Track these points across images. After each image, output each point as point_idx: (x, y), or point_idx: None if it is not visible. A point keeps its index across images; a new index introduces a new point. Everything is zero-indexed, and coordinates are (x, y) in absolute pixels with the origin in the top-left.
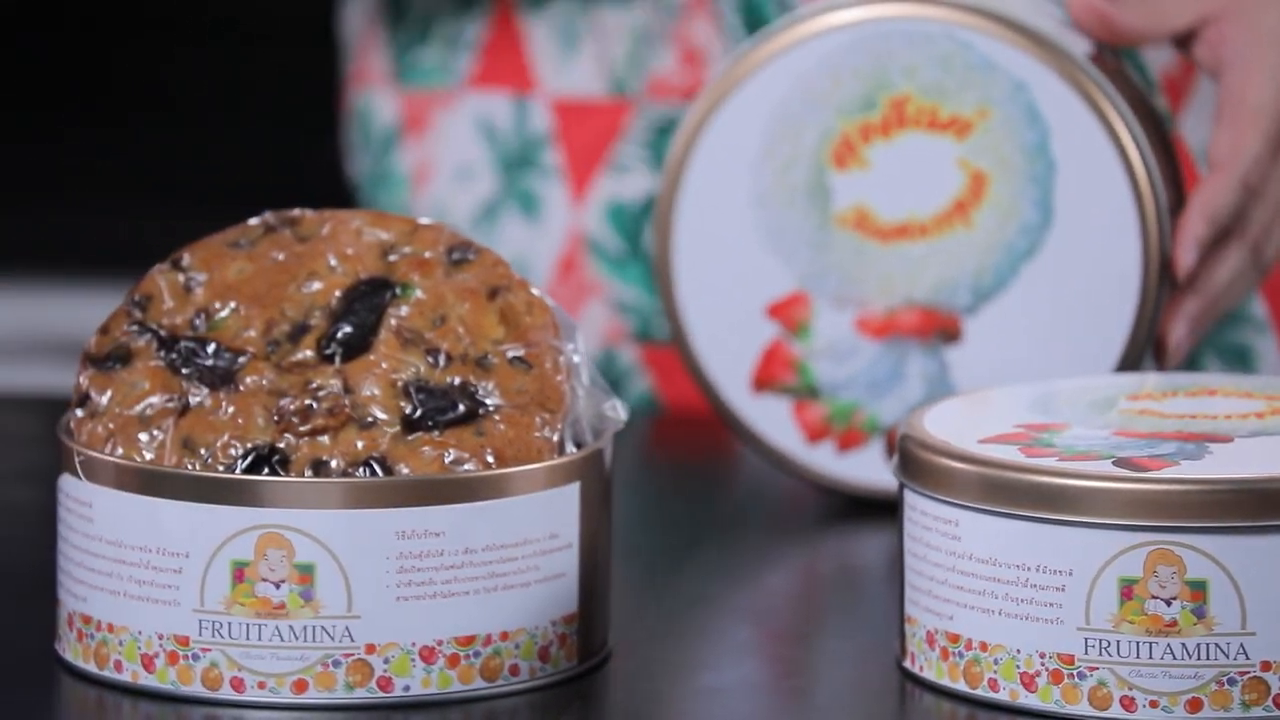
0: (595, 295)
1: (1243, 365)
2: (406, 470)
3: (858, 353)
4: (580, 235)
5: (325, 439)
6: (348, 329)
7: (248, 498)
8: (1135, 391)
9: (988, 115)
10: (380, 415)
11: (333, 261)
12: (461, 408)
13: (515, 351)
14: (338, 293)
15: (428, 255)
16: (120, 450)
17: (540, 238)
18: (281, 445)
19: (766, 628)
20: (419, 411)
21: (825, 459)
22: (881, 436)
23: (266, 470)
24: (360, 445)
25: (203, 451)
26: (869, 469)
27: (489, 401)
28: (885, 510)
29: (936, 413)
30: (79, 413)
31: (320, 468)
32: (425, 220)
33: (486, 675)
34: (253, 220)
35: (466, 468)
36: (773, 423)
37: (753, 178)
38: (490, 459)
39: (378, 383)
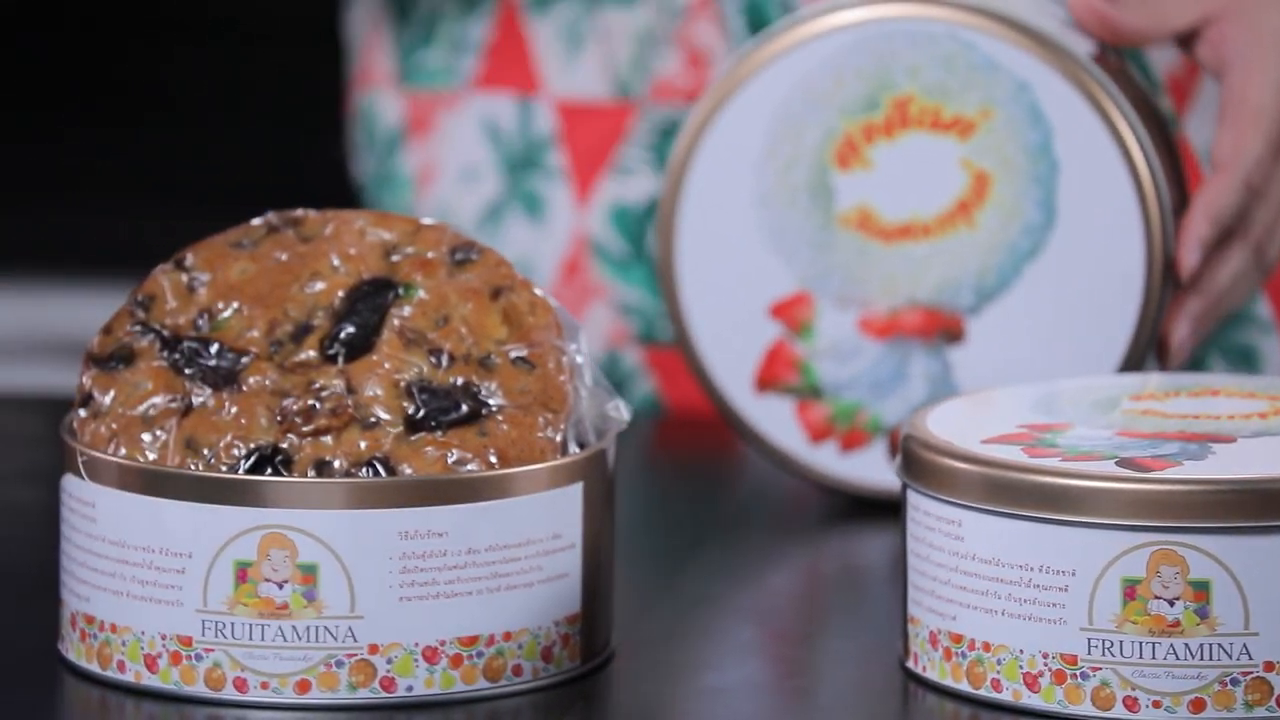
0: (599, 297)
1: (1247, 366)
2: (409, 470)
3: (861, 353)
4: (584, 237)
5: (328, 439)
6: (351, 329)
7: (251, 498)
8: (1138, 392)
9: (991, 115)
10: (383, 415)
11: (336, 262)
12: (464, 408)
13: (518, 352)
14: (341, 293)
15: (431, 255)
16: (123, 450)
17: (544, 239)
18: (284, 445)
19: (769, 628)
20: (422, 412)
21: (828, 459)
22: (884, 437)
23: (269, 470)
24: (363, 445)
25: (206, 452)
26: (872, 469)
27: (492, 402)
28: (888, 510)
29: (939, 413)
30: (82, 413)
31: (323, 468)
32: (428, 220)
33: (489, 675)
34: (256, 220)
35: (469, 468)
36: (776, 423)
37: (756, 178)
38: (493, 459)
39: (381, 383)
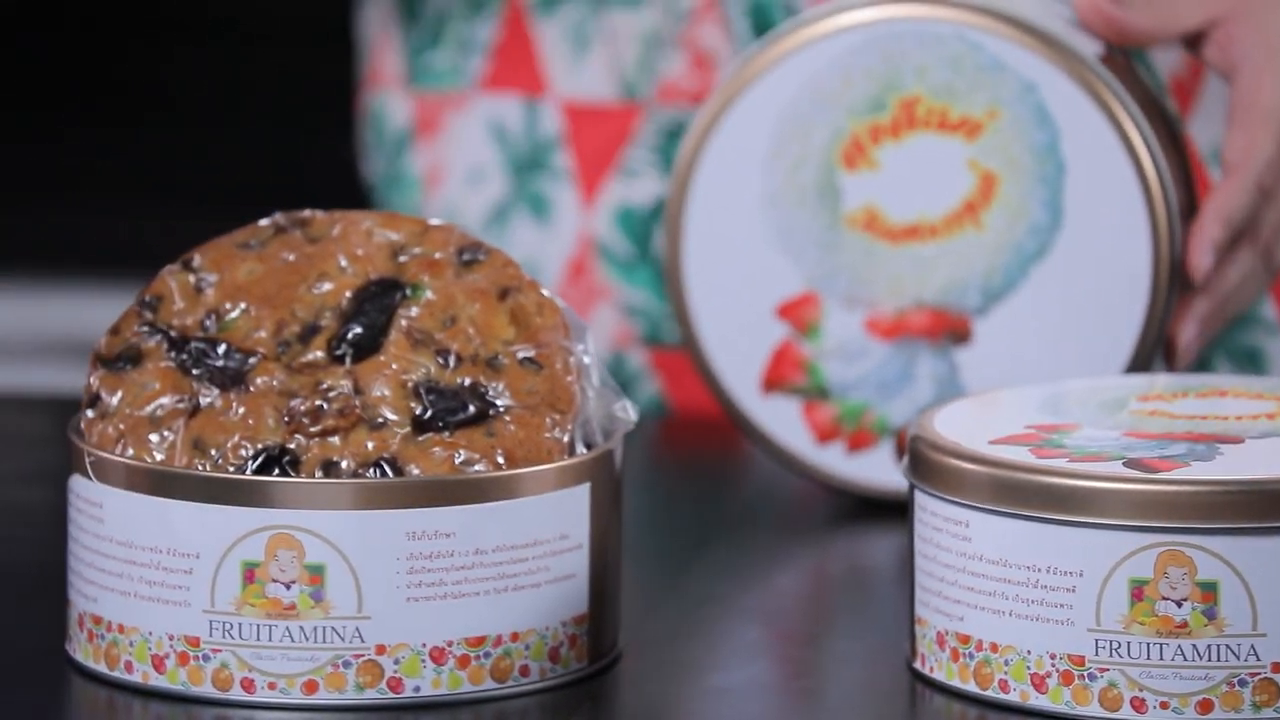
0: (604, 299)
1: (1253, 367)
2: (417, 471)
3: (868, 353)
4: (590, 239)
5: (336, 440)
6: (358, 330)
7: (258, 498)
8: (1145, 392)
9: (998, 116)
10: (391, 416)
11: (343, 262)
12: (472, 408)
13: (526, 352)
14: (348, 293)
15: (438, 256)
16: (131, 451)
17: (550, 241)
18: (292, 446)
19: (776, 628)
20: (429, 412)
21: (835, 460)
22: (891, 437)
23: (277, 471)
24: (371, 446)
25: (213, 452)
26: (879, 470)
27: (499, 402)
28: (895, 511)
29: (947, 414)
30: (89, 413)
31: (331, 468)
32: (436, 221)
33: (497, 676)
34: (263, 221)
35: (477, 468)
36: (782, 423)
37: (762, 178)
38: (501, 460)
39: (388, 383)
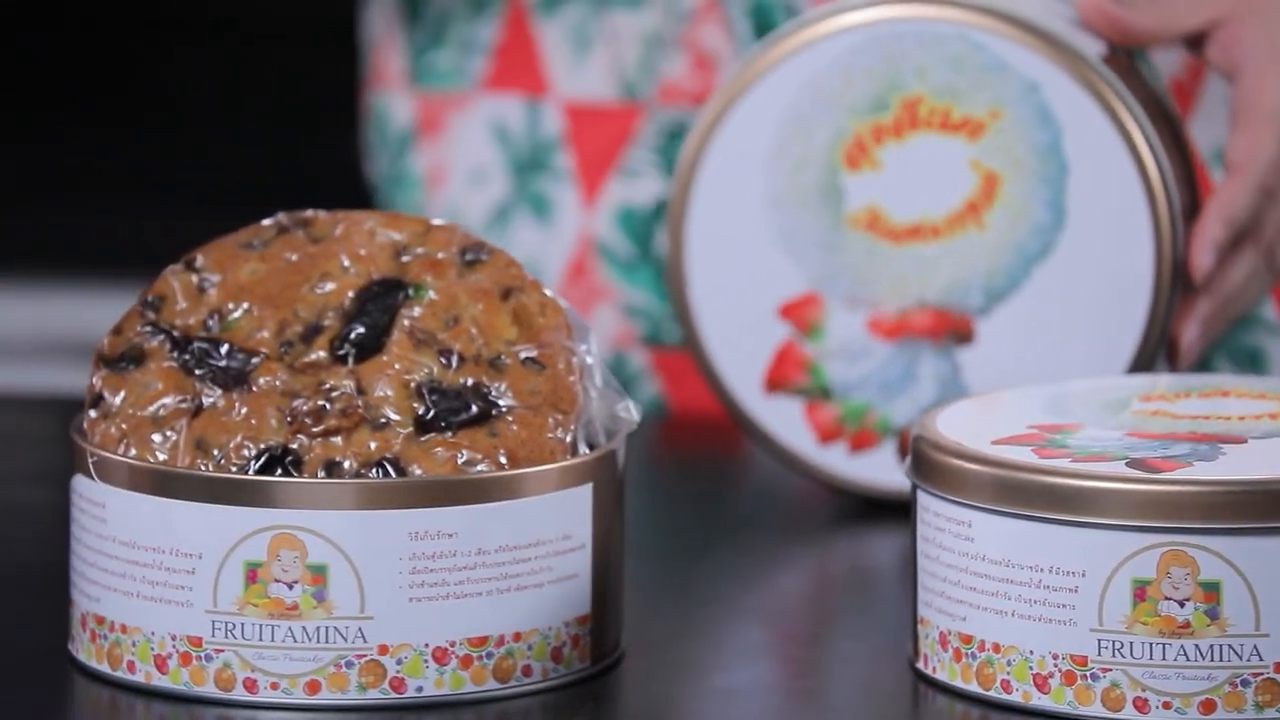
0: (605, 299)
1: (1254, 368)
2: (419, 471)
3: (870, 354)
4: (591, 239)
5: (338, 440)
6: (361, 330)
7: (261, 499)
8: (1148, 392)
9: (1000, 116)
10: (393, 416)
11: (346, 262)
12: (474, 408)
13: (528, 352)
14: (351, 293)
15: (440, 256)
16: (133, 451)
17: (551, 241)
18: (294, 446)
19: (779, 629)
20: (432, 412)
21: (837, 460)
22: (894, 437)
23: (279, 471)
24: (373, 446)
25: (216, 452)
26: (881, 470)
27: (502, 402)
28: (898, 511)
29: (949, 414)
30: (92, 413)
31: (333, 469)
32: (438, 221)
33: (499, 676)
34: (266, 221)
35: (479, 469)
36: (785, 423)
37: (765, 178)
38: (503, 460)
39: (391, 383)
